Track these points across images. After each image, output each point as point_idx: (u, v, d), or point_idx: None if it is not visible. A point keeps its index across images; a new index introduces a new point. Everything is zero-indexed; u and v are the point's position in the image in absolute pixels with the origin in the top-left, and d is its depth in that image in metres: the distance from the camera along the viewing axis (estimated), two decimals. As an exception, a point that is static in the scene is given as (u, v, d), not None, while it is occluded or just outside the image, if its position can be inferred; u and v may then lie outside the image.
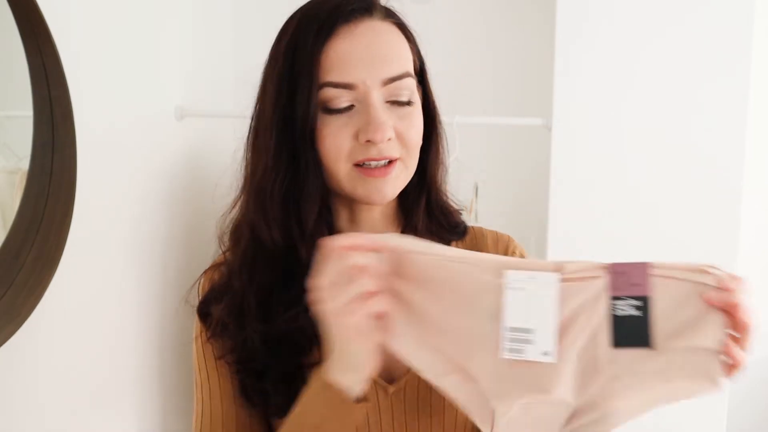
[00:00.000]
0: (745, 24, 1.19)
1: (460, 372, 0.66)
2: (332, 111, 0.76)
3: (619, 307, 0.62)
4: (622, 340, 0.62)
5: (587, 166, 1.26)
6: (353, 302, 0.64)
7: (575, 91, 1.24)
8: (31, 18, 0.67)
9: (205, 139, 1.12)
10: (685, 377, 0.63)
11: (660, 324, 0.62)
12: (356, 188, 0.78)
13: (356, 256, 0.65)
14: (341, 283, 0.64)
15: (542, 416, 0.66)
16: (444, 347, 0.66)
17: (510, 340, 0.63)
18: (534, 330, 0.62)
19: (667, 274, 0.62)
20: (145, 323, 0.96)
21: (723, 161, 1.22)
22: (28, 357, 0.73)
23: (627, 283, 0.62)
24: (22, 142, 0.69)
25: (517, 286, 0.62)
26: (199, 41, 1.13)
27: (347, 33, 0.76)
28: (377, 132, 0.74)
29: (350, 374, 0.69)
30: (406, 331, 0.67)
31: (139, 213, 0.94)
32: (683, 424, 1.27)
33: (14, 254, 0.67)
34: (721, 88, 1.20)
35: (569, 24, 1.24)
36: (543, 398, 0.64)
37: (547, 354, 0.62)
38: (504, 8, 1.72)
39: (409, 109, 0.79)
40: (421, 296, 0.66)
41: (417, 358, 0.67)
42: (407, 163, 0.80)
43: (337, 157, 0.77)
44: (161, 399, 1.01)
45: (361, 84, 0.75)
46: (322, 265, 0.66)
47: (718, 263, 0.62)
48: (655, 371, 0.63)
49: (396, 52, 0.78)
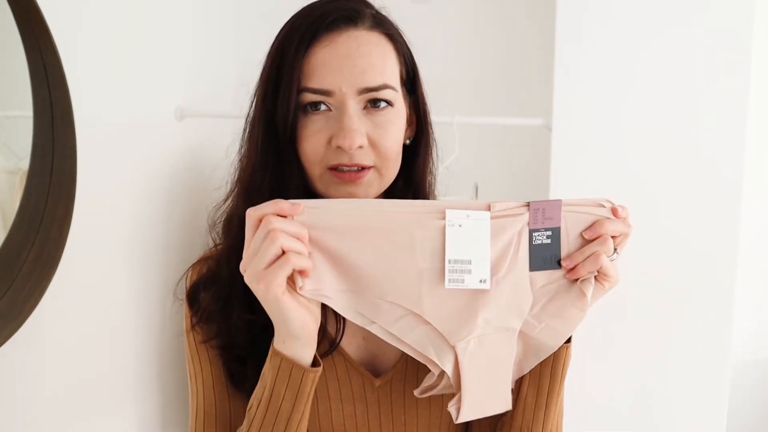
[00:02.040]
0: (745, 24, 1.19)
1: (410, 314, 0.71)
2: (310, 114, 0.79)
3: (536, 238, 0.72)
4: (536, 264, 0.73)
5: (587, 166, 1.26)
6: (270, 265, 0.65)
7: (575, 91, 1.24)
8: (31, 18, 0.67)
9: (205, 139, 1.12)
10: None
11: (566, 249, 0.73)
12: (329, 191, 0.81)
13: (272, 221, 0.66)
14: (260, 250, 0.66)
15: (496, 348, 0.73)
16: (388, 294, 0.70)
17: (450, 271, 0.70)
18: (471, 261, 0.70)
19: (574, 209, 0.72)
20: (144, 323, 0.96)
21: (723, 161, 1.21)
22: (28, 357, 0.73)
23: (543, 217, 0.71)
24: (22, 142, 0.69)
25: (455, 223, 0.70)
26: (199, 41, 1.13)
27: (329, 41, 0.78)
28: (346, 139, 0.76)
29: (291, 341, 0.71)
30: (341, 285, 0.70)
31: (139, 213, 0.94)
32: (683, 424, 1.27)
33: (14, 254, 0.67)
34: (721, 88, 1.20)
35: (569, 24, 1.24)
36: (491, 324, 0.72)
37: (483, 281, 0.71)
38: (504, 8, 1.72)
39: (387, 117, 0.80)
40: (355, 247, 0.69)
41: (360, 310, 0.71)
42: (382, 171, 0.81)
43: (313, 160, 0.80)
44: (161, 398, 1.01)
45: (337, 91, 0.77)
46: (254, 234, 0.67)
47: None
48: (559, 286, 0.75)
49: (377, 62, 0.79)
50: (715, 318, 1.23)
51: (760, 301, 1.88)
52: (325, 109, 0.79)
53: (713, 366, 1.25)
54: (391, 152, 0.80)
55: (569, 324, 0.75)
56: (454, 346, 0.72)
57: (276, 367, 0.72)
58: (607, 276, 0.73)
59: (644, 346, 1.27)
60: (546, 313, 0.75)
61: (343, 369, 0.84)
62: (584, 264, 0.72)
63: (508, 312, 0.73)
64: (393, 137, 0.80)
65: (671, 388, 1.27)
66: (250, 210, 0.68)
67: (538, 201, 0.71)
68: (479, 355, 0.72)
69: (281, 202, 0.68)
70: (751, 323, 1.86)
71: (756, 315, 1.88)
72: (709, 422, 1.26)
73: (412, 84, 0.86)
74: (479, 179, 1.43)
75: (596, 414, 1.29)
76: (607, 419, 1.29)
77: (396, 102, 0.81)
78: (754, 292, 1.86)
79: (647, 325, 1.26)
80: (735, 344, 1.26)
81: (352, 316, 0.71)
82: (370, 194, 0.81)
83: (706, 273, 1.23)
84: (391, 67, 0.81)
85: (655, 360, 1.27)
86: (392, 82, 0.80)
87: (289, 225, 0.67)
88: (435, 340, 0.72)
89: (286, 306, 0.67)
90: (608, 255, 0.72)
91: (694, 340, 1.25)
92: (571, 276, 0.73)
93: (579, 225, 0.72)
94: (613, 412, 1.29)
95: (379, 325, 0.71)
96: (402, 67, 0.83)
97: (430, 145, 0.88)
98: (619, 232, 0.72)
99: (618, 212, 0.72)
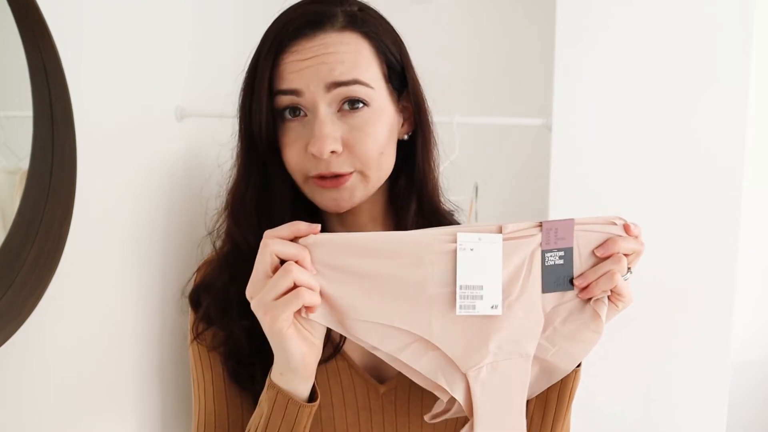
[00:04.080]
0: (745, 24, 1.19)
1: (419, 340, 0.69)
2: (287, 121, 0.79)
3: (549, 258, 0.70)
4: (549, 286, 0.71)
5: (587, 166, 1.26)
6: (279, 298, 0.64)
7: (575, 91, 1.24)
8: (31, 18, 0.67)
9: (205, 140, 1.12)
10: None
11: (578, 268, 0.71)
12: (314, 197, 0.81)
13: (285, 247, 0.65)
14: (269, 278, 0.65)
15: (511, 374, 0.71)
16: (395, 320, 0.68)
17: (462, 297, 0.68)
18: (482, 286, 0.68)
19: (586, 228, 0.70)
20: (145, 323, 0.96)
21: (723, 161, 1.21)
22: (28, 357, 0.73)
23: (556, 237, 0.70)
24: (22, 142, 0.69)
25: (467, 247, 0.68)
26: (199, 41, 1.13)
27: (296, 48, 0.77)
28: (315, 145, 0.75)
29: (289, 374, 0.69)
30: (348, 312, 0.68)
31: (139, 213, 0.94)
32: (683, 424, 1.27)
33: (14, 254, 0.67)
34: (721, 88, 1.20)
35: (569, 24, 1.24)
36: (503, 350, 0.70)
37: (495, 307, 0.69)
38: (504, 8, 1.72)
39: (363, 117, 0.77)
40: (362, 273, 0.67)
41: (365, 337, 0.69)
42: (366, 173, 0.79)
43: (294, 169, 0.79)
44: (161, 398, 1.01)
45: (305, 89, 0.76)
46: (258, 258, 0.66)
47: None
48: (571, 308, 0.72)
49: (347, 59, 0.76)
50: (715, 318, 1.23)
51: (760, 301, 1.88)
52: (302, 115, 0.78)
53: (713, 366, 1.25)
54: (371, 155, 0.78)
55: (584, 347, 0.73)
56: (465, 374, 0.70)
57: (272, 400, 0.70)
58: (621, 296, 0.70)
59: (644, 346, 1.27)
60: (559, 335, 0.72)
61: (347, 375, 0.82)
62: (598, 283, 0.69)
63: (521, 336, 0.71)
64: (372, 139, 0.78)
65: (671, 388, 1.27)
66: (268, 232, 0.66)
67: (551, 221, 0.69)
68: (492, 383, 0.70)
69: (298, 224, 0.66)
70: (751, 323, 1.86)
71: (756, 315, 1.88)
72: (709, 422, 1.26)
73: (400, 79, 0.83)
74: (479, 179, 1.43)
75: (596, 414, 1.29)
76: (607, 419, 1.29)
77: (373, 101, 0.78)
78: (754, 292, 1.86)
79: (647, 325, 1.26)
80: (735, 344, 1.26)
81: (358, 341, 0.69)
82: (355, 198, 0.80)
83: (706, 273, 1.23)
84: (365, 64, 0.78)
85: (654, 360, 1.27)
86: (366, 79, 0.77)
87: (306, 252, 0.65)
88: (445, 366, 0.70)
89: (289, 340, 0.66)
90: (622, 274, 0.69)
91: (694, 340, 1.25)
92: (584, 295, 0.71)
93: (591, 243, 0.70)
94: (613, 411, 1.29)
95: (386, 351, 0.69)
96: (382, 64, 0.80)
97: (428, 139, 0.85)
98: (632, 250, 0.70)
99: (630, 229, 0.70)
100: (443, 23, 1.72)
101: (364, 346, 0.70)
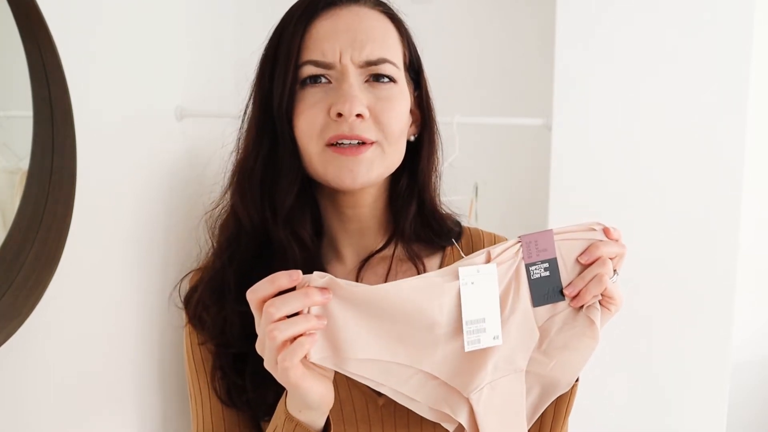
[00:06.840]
0: (745, 24, 1.19)
1: (420, 372, 0.69)
2: (308, 87, 0.77)
3: (534, 272, 0.70)
4: (539, 299, 0.71)
5: (587, 166, 1.26)
6: (281, 352, 0.63)
7: (575, 91, 1.24)
8: (31, 18, 0.67)
9: (205, 139, 1.12)
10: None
11: (565, 278, 0.71)
12: (327, 169, 0.77)
13: (286, 306, 0.62)
14: (266, 345, 0.63)
15: (509, 389, 0.72)
16: (399, 357, 0.67)
17: (468, 332, 0.68)
18: (485, 319, 0.68)
19: (566, 236, 0.70)
20: (144, 322, 0.96)
21: (723, 161, 1.22)
22: (28, 357, 0.73)
23: (537, 249, 0.70)
24: (22, 142, 0.69)
25: (468, 281, 0.67)
26: (199, 40, 1.13)
27: (330, 15, 0.77)
28: (346, 103, 0.74)
29: (306, 412, 0.69)
30: (351, 353, 0.66)
31: (139, 212, 0.94)
32: (683, 424, 1.27)
33: (14, 254, 0.67)
34: (721, 88, 1.20)
35: (569, 24, 1.24)
36: (499, 369, 0.70)
37: (497, 338, 0.69)
38: (504, 9, 1.72)
39: (390, 91, 0.78)
40: (365, 316, 0.65)
41: (369, 375, 0.68)
42: (385, 148, 0.78)
43: (310, 134, 0.77)
44: (161, 398, 1.01)
45: (338, 62, 0.76)
46: (260, 328, 0.64)
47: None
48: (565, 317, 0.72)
49: (378, 37, 0.77)
50: (715, 318, 1.23)
51: (760, 301, 1.88)
52: (325, 82, 0.77)
53: (713, 366, 1.25)
54: (394, 128, 0.77)
55: (582, 355, 0.73)
56: (467, 398, 0.70)
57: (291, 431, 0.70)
58: (611, 299, 0.70)
59: (644, 346, 1.27)
60: (556, 346, 0.72)
61: (345, 387, 0.80)
62: (588, 288, 0.69)
63: (515, 353, 0.71)
64: (396, 112, 0.78)
65: (671, 387, 1.27)
66: (248, 294, 0.63)
67: (529, 234, 0.69)
68: (493, 402, 0.71)
69: (279, 278, 0.62)
70: (751, 323, 1.86)
71: (756, 315, 1.88)
72: (709, 422, 1.26)
73: (416, 75, 0.84)
74: (479, 179, 1.44)
75: (596, 414, 1.29)
76: (607, 419, 1.29)
77: (399, 80, 0.79)
78: (754, 292, 1.86)
79: (647, 326, 1.26)
80: (735, 344, 1.26)
81: (360, 379, 0.68)
82: (372, 173, 0.78)
83: (706, 273, 1.23)
84: (393, 45, 0.79)
85: (655, 360, 1.27)
86: (394, 59, 0.78)
87: (292, 302, 0.62)
88: (447, 393, 0.70)
89: (305, 387, 0.65)
90: (609, 276, 0.69)
91: (694, 340, 1.25)
92: (576, 303, 0.71)
93: (573, 251, 0.70)
94: (613, 411, 1.29)
95: (389, 386, 0.69)
96: (405, 50, 0.82)
97: (434, 142, 0.86)
98: (614, 254, 0.70)
99: (611, 233, 0.71)
100: (443, 23, 1.72)
101: (368, 383, 0.69)
